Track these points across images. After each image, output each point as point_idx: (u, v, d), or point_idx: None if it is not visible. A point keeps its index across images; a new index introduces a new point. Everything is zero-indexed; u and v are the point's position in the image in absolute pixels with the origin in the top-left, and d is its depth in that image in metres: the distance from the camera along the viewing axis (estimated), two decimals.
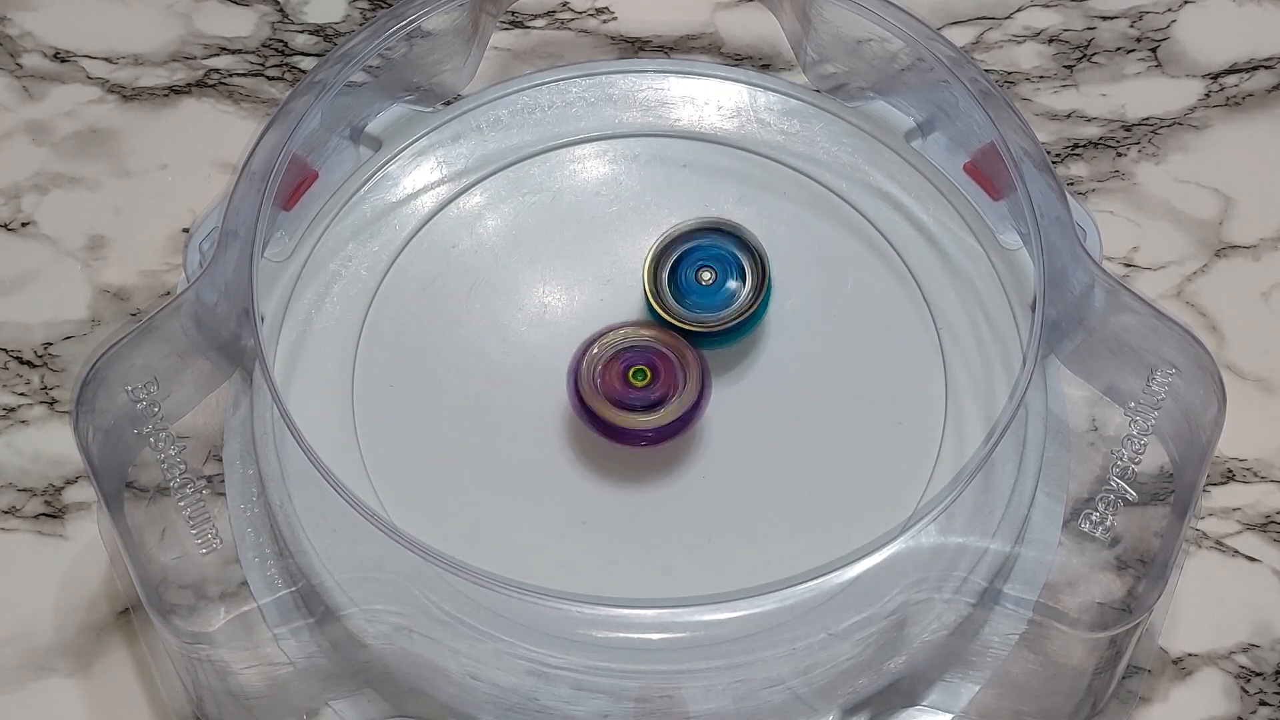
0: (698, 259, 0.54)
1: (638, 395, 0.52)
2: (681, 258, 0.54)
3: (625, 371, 0.53)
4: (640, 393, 0.52)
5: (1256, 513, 0.59)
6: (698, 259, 0.54)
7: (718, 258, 0.54)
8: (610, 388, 0.52)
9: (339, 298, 0.56)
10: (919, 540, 0.50)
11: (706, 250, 0.54)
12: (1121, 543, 0.51)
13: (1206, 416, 0.51)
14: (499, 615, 0.49)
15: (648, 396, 0.52)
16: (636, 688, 0.50)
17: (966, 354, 0.55)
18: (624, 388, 0.52)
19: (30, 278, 0.62)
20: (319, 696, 0.52)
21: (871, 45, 0.58)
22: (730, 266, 0.54)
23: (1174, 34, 0.68)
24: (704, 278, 0.54)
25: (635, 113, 0.59)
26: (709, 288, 0.54)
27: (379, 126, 0.59)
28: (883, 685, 0.52)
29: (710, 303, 0.54)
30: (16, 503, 0.58)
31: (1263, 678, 0.56)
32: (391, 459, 0.53)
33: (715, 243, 0.54)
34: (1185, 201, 0.64)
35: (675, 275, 0.54)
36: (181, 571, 0.50)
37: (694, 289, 0.54)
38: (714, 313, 0.54)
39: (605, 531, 0.52)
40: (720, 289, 0.54)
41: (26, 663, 0.56)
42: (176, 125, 0.65)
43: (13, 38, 0.67)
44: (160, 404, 0.52)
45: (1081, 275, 0.53)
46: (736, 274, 0.54)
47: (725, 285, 0.54)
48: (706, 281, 0.54)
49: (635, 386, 0.52)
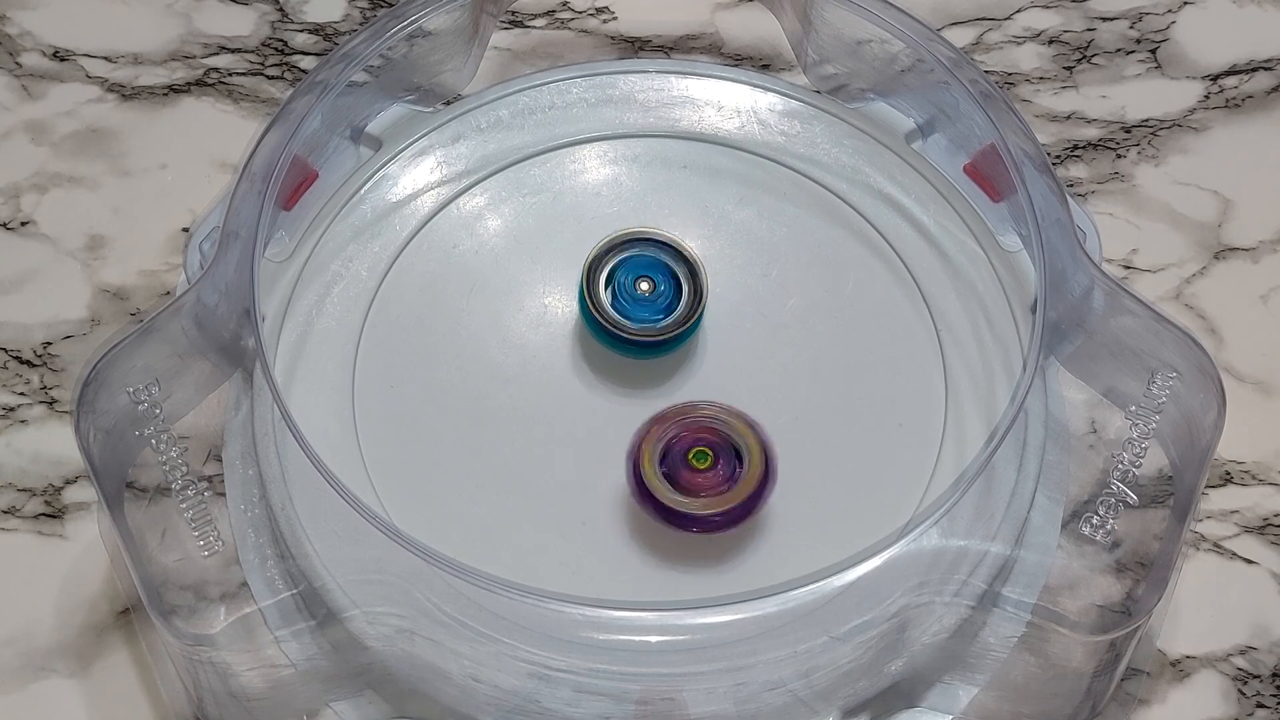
0: (634, 269, 0.54)
1: (702, 478, 0.50)
2: (618, 267, 0.54)
3: (686, 452, 0.51)
4: (704, 475, 0.51)
5: (1255, 515, 0.59)
6: (634, 269, 0.54)
7: (651, 266, 0.54)
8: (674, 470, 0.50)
9: (339, 298, 0.56)
10: (919, 543, 0.50)
11: (640, 260, 0.54)
12: (1121, 546, 0.51)
13: (1206, 420, 0.51)
14: (500, 617, 0.49)
15: (712, 479, 0.50)
16: (637, 690, 0.50)
17: (967, 356, 0.55)
18: (687, 471, 0.51)
19: (30, 277, 0.62)
20: (320, 698, 0.52)
21: (872, 46, 0.58)
22: (664, 275, 0.54)
23: (1174, 35, 0.68)
24: (642, 287, 0.54)
25: (635, 113, 0.59)
26: (648, 298, 0.54)
27: (379, 126, 0.59)
28: (883, 687, 0.52)
29: (648, 312, 0.54)
30: (16, 503, 0.58)
31: (1260, 680, 0.56)
32: (392, 460, 0.53)
33: (646, 252, 0.54)
34: (1184, 203, 0.64)
35: (612, 283, 0.54)
36: (182, 573, 0.50)
37: (632, 298, 0.54)
38: (653, 323, 0.54)
39: (606, 533, 0.52)
40: (658, 298, 0.54)
41: (26, 663, 0.56)
42: (176, 125, 0.65)
43: (12, 37, 0.67)
44: (161, 405, 0.52)
45: (1081, 277, 0.53)
46: (671, 283, 0.54)
47: (662, 294, 0.54)
48: (645, 291, 0.54)
49: (698, 469, 0.51)
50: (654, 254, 0.54)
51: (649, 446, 0.51)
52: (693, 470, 0.51)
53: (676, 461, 0.51)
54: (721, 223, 0.57)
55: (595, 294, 0.54)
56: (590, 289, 0.54)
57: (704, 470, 0.51)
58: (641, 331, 0.54)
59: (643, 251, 0.54)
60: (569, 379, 0.54)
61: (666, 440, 0.51)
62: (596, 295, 0.54)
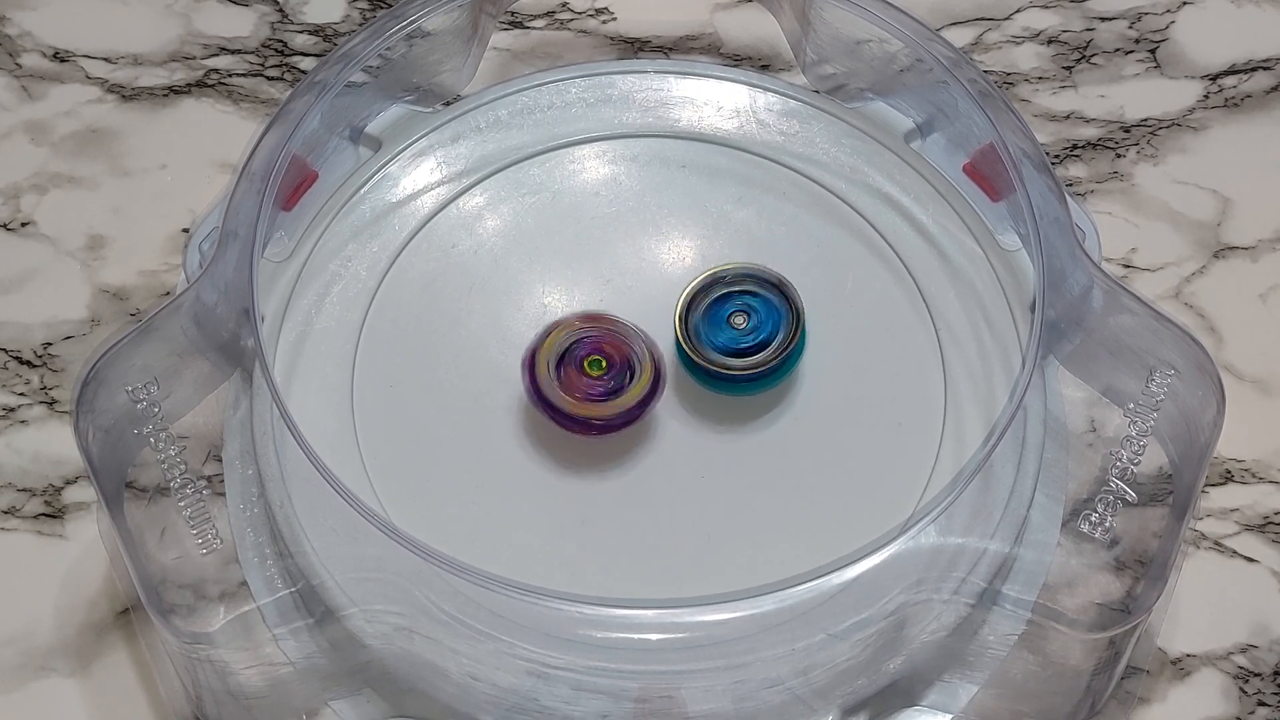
0: (734, 304, 0.54)
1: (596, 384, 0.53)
2: (718, 300, 0.54)
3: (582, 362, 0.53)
4: (598, 381, 0.53)
5: (1255, 513, 0.59)
6: (734, 304, 0.54)
7: (753, 304, 0.54)
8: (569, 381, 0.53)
9: (339, 298, 0.56)
10: (918, 541, 0.50)
11: (743, 296, 0.54)
12: (1120, 544, 0.51)
13: (1205, 418, 0.51)
14: (499, 615, 0.50)
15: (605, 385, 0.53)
16: (636, 688, 0.50)
17: (966, 355, 0.55)
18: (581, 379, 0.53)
19: (30, 278, 0.62)
20: (319, 696, 0.52)
21: (871, 46, 0.58)
22: (764, 314, 0.54)
23: (1173, 35, 0.68)
24: (737, 322, 0.54)
25: (635, 113, 0.59)
26: (741, 332, 0.54)
27: (379, 127, 0.59)
28: (882, 686, 0.52)
29: (741, 348, 0.53)
30: (16, 503, 0.58)
31: (1261, 678, 0.56)
32: (391, 459, 0.53)
33: (753, 289, 0.54)
34: (1184, 203, 0.64)
35: (709, 317, 0.54)
36: (181, 571, 0.50)
37: (725, 332, 0.53)
38: (744, 358, 0.53)
39: (605, 531, 0.52)
40: (753, 335, 0.53)
41: (26, 663, 0.56)
42: (176, 125, 0.65)
43: (12, 37, 0.67)
44: (160, 404, 0.52)
45: (1080, 276, 0.53)
46: (771, 321, 0.53)
47: (759, 331, 0.53)
48: (740, 326, 0.54)
49: (592, 376, 0.53)
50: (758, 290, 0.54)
51: (545, 352, 0.53)
52: (586, 376, 0.53)
53: (572, 367, 0.53)
54: (721, 222, 0.57)
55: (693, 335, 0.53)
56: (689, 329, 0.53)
57: (596, 377, 0.53)
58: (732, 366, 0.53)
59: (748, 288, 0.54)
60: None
61: (565, 347, 0.53)
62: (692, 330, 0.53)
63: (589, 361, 0.53)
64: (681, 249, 0.57)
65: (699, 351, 0.53)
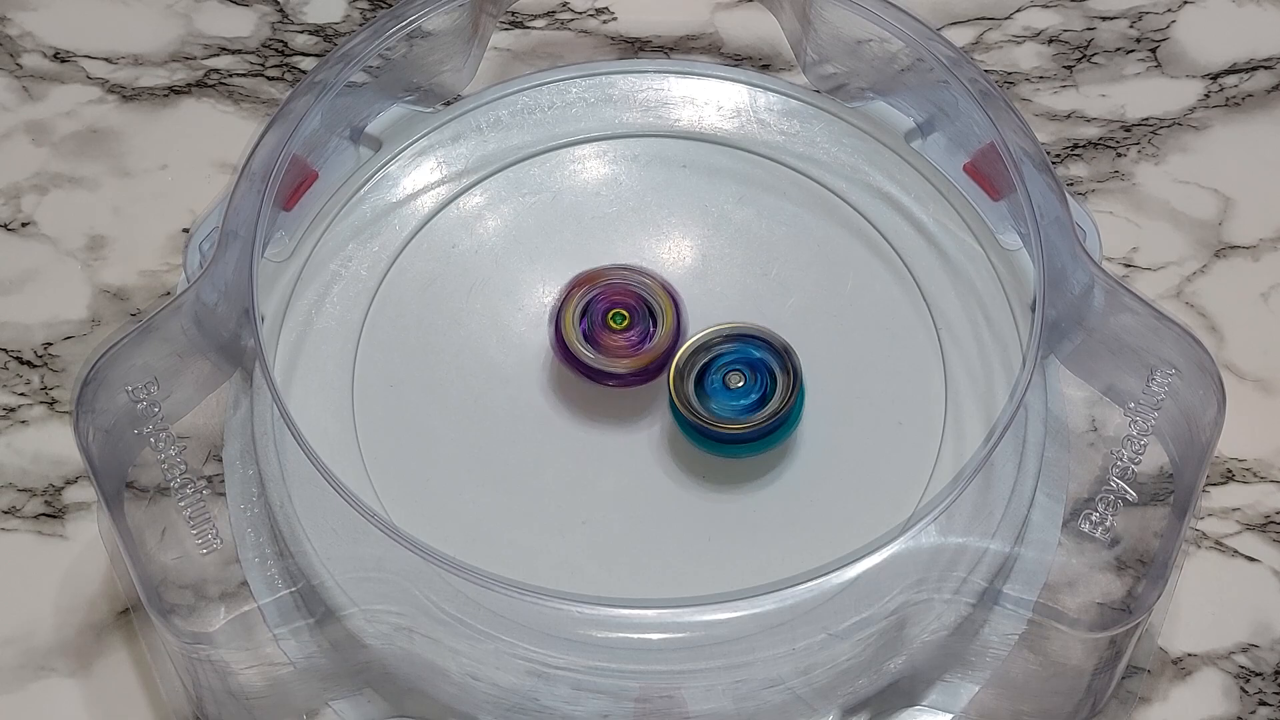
0: (728, 363, 0.53)
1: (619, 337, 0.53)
2: (710, 362, 0.53)
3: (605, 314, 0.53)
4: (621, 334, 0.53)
5: (1256, 513, 0.59)
6: (728, 363, 0.53)
7: (748, 363, 0.53)
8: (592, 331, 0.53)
9: (339, 298, 0.56)
10: (919, 540, 0.50)
11: (736, 354, 0.53)
12: (1121, 543, 0.51)
13: (1206, 417, 0.51)
14: (499, 615, 0.50)
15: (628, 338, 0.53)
16: (636, 688, 0.50)
17: (966, 354, 0.55)
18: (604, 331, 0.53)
19: (30, 278, 0.62)
20: (319, 696, 0.52)
21: (871, 45, 0.58)
22: (761, 372, 0.53)
23: (1173, 34, 0.68)
24: (733, 381, 0.53)
25: (635, 113, 0.59)
26: (737, 391, 0.53)
27: (379, 127, 0.59)
28: (882, 685, 0.52)
29: (738, 407, 0.53)
30: (16, 503, 0.58)
31: (1262, 678, 0.56)
32: (391, 459, 0.53)
33: (745, 347, 0.53)
34: (1185, 202, 0.64)
35: (703, 379, 0.53)
36: (181, 571, 0.50)
37: (720, 392, 0.53)
38: (742, 416, 0.52)
39: (605, 531, 0.52)
40: (749, 394, 0.53)
41: (26, 663, 0.56)
42: (176, 125, 0.65)
43: (13, 38, 0.67)
44: (160, 404, 0.52)
45: (1081, 275, 0.53)
46: (766, 379, 0.53)
47: (754, 390, 0.53)
48: (736, 385, 0.53)
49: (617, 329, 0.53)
50: (751, 349, 0.53)
51: (570, 308, 0.53)
52: (610, 330, 0.53)
53: (596, 322, 0.53)
54: (721, 222, 0.57)
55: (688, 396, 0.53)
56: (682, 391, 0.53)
57: (620, 330, 0.53)
58: (736, 423, 0.52)
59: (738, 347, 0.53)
60: (568, 378, 0.54)
61: (587, 301, 0.53)
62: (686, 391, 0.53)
63: (612, 316, 0.53)
64: (681, 249, 0.57)
65: (698, 414, 0.52)
